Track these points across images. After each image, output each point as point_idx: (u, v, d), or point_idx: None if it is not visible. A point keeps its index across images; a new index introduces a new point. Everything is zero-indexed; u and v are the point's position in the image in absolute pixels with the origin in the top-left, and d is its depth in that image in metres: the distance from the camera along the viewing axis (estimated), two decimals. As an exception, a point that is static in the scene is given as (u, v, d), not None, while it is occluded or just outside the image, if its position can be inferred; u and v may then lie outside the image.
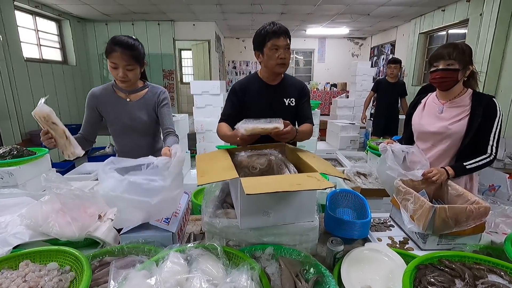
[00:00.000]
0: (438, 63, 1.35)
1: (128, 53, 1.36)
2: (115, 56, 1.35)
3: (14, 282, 0.75)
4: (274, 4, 5.24)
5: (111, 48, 1.35)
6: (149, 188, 0.94)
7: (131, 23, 6.31)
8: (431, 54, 1.40)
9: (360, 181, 2.29)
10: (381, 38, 8.13)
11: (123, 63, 1.36)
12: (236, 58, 9.41)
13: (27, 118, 4.71)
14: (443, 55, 1.33)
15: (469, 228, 1.02)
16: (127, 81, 1.42)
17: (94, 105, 1.50)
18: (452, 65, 1.31)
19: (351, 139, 4.76)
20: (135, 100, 1.52)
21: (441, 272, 0.82)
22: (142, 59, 1.46)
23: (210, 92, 3.96)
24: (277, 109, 1.56)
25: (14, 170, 1.93)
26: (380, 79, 4.14)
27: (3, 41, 4.10)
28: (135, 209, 0.95)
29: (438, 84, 1.39)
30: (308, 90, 1.65)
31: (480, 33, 4.11)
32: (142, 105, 1.53)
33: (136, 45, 1.40)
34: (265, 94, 1.55)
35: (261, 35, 1.44)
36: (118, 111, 1.51)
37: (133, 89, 1.52)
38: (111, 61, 1.37)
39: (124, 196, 0.92)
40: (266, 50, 1.44)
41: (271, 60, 1.44)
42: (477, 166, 1.32)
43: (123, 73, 1.38)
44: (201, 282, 0.72)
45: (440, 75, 1.34)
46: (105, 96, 1.51)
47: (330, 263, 0.97)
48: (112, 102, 1.50)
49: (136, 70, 1.43)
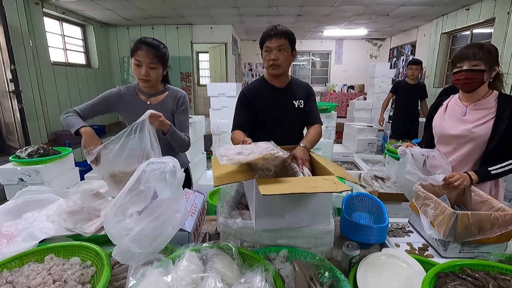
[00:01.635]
0: (462, 64, 1.30)
1: (152, 51, 1.40)
2: (139, 54, 1.39)
3: (40, 275, 0.79)
4: (291, 6, 5.23)
5: (137, 47, 1.40)
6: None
7: (151, 27, 6.50)
8: (455, 55, 1.35)
9: (377, 185, 2.24)
10: (400, 39, 7.92)
11: (147, 61, 1.40)
12: (252, 60, 9.46)
13: (53, 118, 4.95)
14: (467, 55, 1.27)
15: (494, 236, 0.97)
16: (148, 80, 1.44)
17: (111, 103, 1.52)
18: (477, 66, 1.26)
19: (368, 142, 4.66)
20: (155, 103, 1.54)
21: (463, 281, 0.79)
22: (166, 61, 1.49)
23: (226, 94, 4.01)
24: (288, 111, 1.56)
25: (41, 168, 2.03)
26: (400, 81, 4.04)
27: (33, 46, 4.33)
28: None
29: (462, 85, 1.34)
30: (314, 91, 1.66)
31: (507, 32, 3.92)
32: (161, 109, 1.53)
33: (160, 46, 1.45)
34: (275, 98, 1.56)
35: (260, 39, 1.49)
36: (137, 113, 1.53)
37: (153, 92, 1.54)
38: (136, 59, 1.41)
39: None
40: (263, 52, 1.49)
41: (265, 62, 1.49)
42: (502, 171, 1.26)
43: (146, 71, 1.41)
44: (216, 281, 0.73)
45: (465, 76, 1.29)
46: (128, 98, 1.54)
47: (346, 267, 0.96)
48: (133, 104, 1.53)
49: (159, 70, 1.46)
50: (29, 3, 4.31)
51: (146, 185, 0.85)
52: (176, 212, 0.87)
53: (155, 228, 0.81)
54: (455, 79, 1.34)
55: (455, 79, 1.34)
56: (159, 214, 0.82)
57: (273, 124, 1.56)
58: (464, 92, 1.38)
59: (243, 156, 0.95)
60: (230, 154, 0.96)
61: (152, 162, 0.89)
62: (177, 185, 0.88)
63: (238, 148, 1.06)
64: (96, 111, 1.53)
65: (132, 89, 1.55)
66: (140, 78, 1.44)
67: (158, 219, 0.82)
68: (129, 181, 0.86)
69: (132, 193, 0.84)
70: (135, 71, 1.44)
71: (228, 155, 0.96)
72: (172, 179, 0.87)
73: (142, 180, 0.85)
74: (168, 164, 0.89)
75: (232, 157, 0.93)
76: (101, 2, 4.83)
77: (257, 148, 1.04)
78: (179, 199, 0.89)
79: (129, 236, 0.78)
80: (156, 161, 0.90)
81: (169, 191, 0.85)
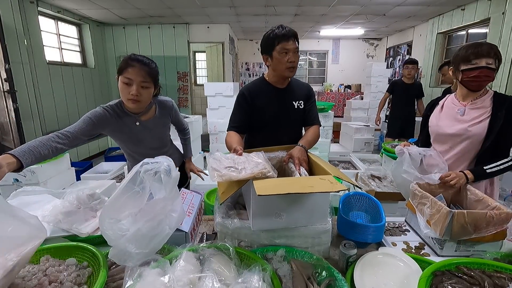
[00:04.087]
0: (479, 61, 1.26)
1: (145, 69, 1.30)
2: (130, 71, 1.27)
3: (36, 276, 0.78)
4: (288, 6, 5.23)
5: (127, 64, 1.28)
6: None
7: (147, 26, 6.46)
8: (466, 52, 1.28)
9: (374, 184, 2.24)
10: (397, 39, 7.96)
11: (139, 79, 1.28)
12: (250, 60, 9.45)
13: (49, 118, 4.91)
14: (486, 52, 1.24)
15: (489, 234, 0.98)
16: (138, 100, 1.31)
17: (101, 127, 1.36)
18: (491, 64, 1.25)
19: (365, 142, 4.68)
20: (146, 121, 1.46)
21: (459, 279, 0.80)
22: (157, 81, 1.40)
23: (223, 93, 4.01)
24: (288, 112, 1.55)
25: (36, 168, 2.01)
26: (396, 80, 4.06)
27: (28, 45, 4.29)
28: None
29: (478, 83, 1.30)
30: (314, 92, 1.66)
31: (502, 32, 3.95)
32: (154, 124, 1.49)
33: (153, 64, 1.36)
34: (275, 98, 1.53)
35: (270, 38, 1.41)
36: (128, 135, 1.44)
37: (141, 112, 1.43)
38: (125, 77, 1.28)
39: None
40: (275, 53, 1.41)
41: (280, 63, 1.42)
42: (498, 170, 1.27)
43: (137, 90, 1.28)
44: (213, 281, 0.72)
45: (485, 73, 1.26)
46: (115, 121, 1.40)
47: (343, 266, 0.96)
48: (121, 127, 1.41)
49: (150, 90, 1.35)
50: (23, 2, 4.26)
51: (141, 185, 0.84)
52: (172, 212, 0.87)
53: (152, 228, 0.81)
54: (471, 76, 1.29)
55: (471, 76, 1.29)
56: (155, 214, 0.82)
57: (272, 124, 1.55)
58: (472, 91, 1.35)
59: (235, 173, 0.95)
60: (221, 169, 0.97)
61: (146, 162, 0.88)
62: (172, 185, 0.88)
63: (229, 161, 1.06)
64: (86, 135, 1.30)
65: (118, 109, 1.40)
66: (130, 98, 1.30)
67: (154, 219, 0.82)
68: (123, 182, 0.86)
69: (127, 194, 0.83)
70: (124, 91, 1.30)
71: (220, 169, 0.97)
72: (167, 178, 0.87)
73: (137, 181, 0.84)
74: (162, 164, 0.89)
75: (224, 173, 0.94)
76: (97, 1, 4.79)
77: (249, 163, 1.03)
78: (175, 199, 0.89)
79: (126, 236, 0.77)
80: (150, 161, 0.90)
81: (165, 191, 0.85)
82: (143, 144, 1.50)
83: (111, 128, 1.40)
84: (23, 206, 1.17)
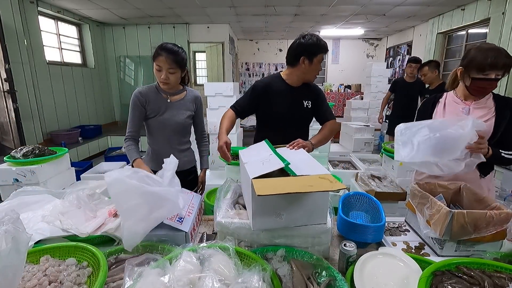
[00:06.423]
0: (490, 72, 1.26)
1: (171, 57, 1.50)
2: (160, 60, 1.50)
3: (35, 276, 0.78)
4: (288, 6, 5.23)
5: (157, 53, 1.51)
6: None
7: (147, 26, 6.46)
8: (484, 61, 1.25)
9: (374, 184, 2.24)
10: (397, 39, 7.96)
11: (166, 66, 1.51)
12: (250, 60, 9.45)
13: (49, 118, 4.91)
14: (500, 66, 1.23)
15: (489, 234, 0.98)
16: (168, 83, 1.56)
17: (142, 102, 1.60)
18: (499, 75, 1.26)
19: (365, 142, 4.68)
20: (174, 101, 1.66)
21: (459, 279, 0.80)
22: (184, 65, 1.59)
23: (223, 93, 4.00)
24: (296, 110, 1.63)
25: (36, 168, 2.01)
26: (397, 79, 4.07)
27: (27, 45, 4.29)
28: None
29: (482, 93, 1.34)
30: (322, 90, 1.75)
31: (502, 32, 3.95)
32: (181, 106, 1.68)
33: (179, 51, 1.55)
34: (287, 96, 1.61)
35: (318, 46, 1.50)
36: (158, 108, 1.63)
37: (173, 92, 1.66)
38: (157, 64, 1.52)
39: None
40: (315, 61, 1.52)
41: (314, 71, 1.56)
42: (511, 158, 1.28)
43: (166, 75, 1.53)
44: (213, 281, 0.72)
45: (493, 85, 1.28)
46: (149, 94, 1.62)
47: (343, 266, 0.96)
48: (154, 100, 1.62)
49: (177, 74, 1.57)
50: (23, 2, 4.26)
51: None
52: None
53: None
54: (480, 86, 1.30)
55: (480, 86, 1.30)
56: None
57: (279, 120, 1.63)
58: (477, 97, 1.38)
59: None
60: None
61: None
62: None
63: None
64: (141, 117, 1.62)
65: (153, 88, 1.65)
66: (161, 81, 1.56)
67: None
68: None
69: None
70: (157, 74, 1.56)
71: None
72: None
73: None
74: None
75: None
76: (97, 1, 4.79)
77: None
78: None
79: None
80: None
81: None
82: (169, 124, 1.64)
83: (147, 101, 1.60)
84: (23, 206, 1.17)
